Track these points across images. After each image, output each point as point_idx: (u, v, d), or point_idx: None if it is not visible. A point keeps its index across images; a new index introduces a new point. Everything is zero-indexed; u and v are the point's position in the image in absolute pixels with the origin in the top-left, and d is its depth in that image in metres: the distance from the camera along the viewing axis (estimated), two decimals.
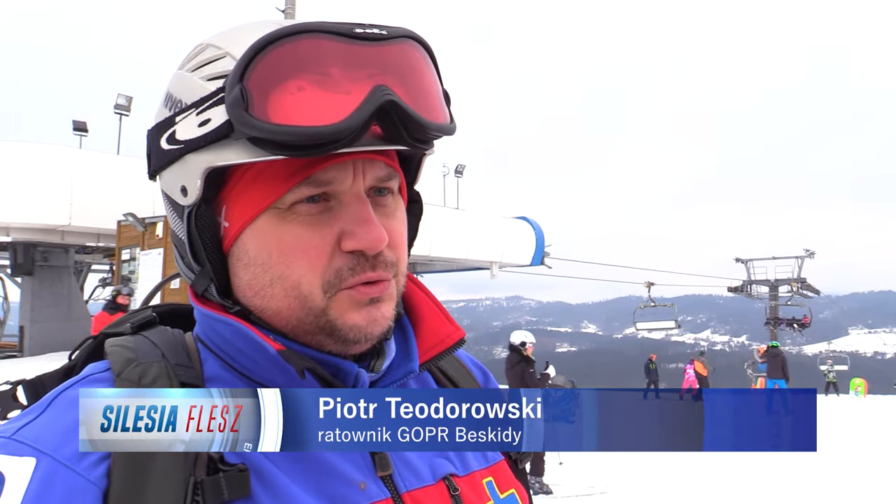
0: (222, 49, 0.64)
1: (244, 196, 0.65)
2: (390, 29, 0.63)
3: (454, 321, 0.77)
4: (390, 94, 0.60)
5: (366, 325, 0.67)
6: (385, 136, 0.62)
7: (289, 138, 0.59)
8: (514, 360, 8.03)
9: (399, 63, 0.63)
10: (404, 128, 0.62)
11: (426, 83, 0.65)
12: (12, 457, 0.58)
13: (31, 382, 0.71)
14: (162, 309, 0.78)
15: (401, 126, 0.62)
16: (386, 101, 0.60)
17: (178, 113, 0.65)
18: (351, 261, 0.66)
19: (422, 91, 0.64)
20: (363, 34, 0.61)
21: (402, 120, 0.62)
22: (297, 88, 0.59)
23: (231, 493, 0.60)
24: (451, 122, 0.68)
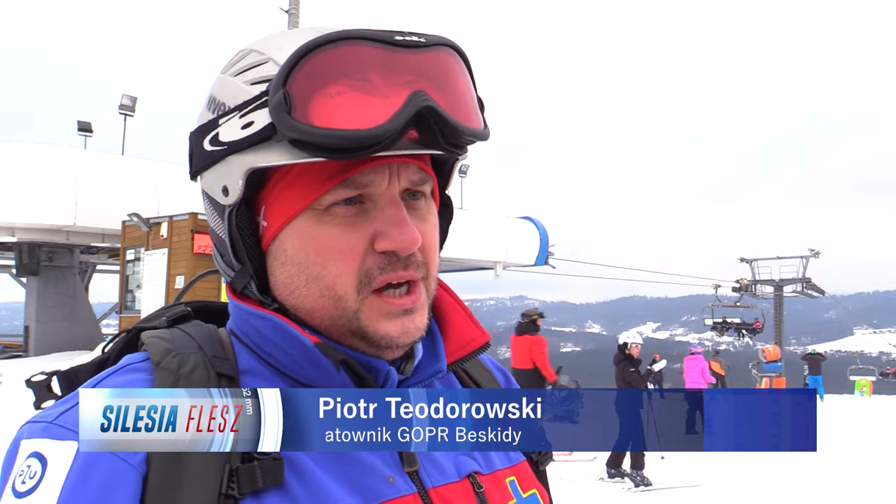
0: (265, 54, 0.67)
1: (283, 197, 0.68)
2: (428, 37, 0.65)
3: (480, 325, 0.79)
4: (428, 100, 0.62)
5: (398, 335, 0.69)
6: (421, 140, 0.64)
7: (329, 141, 0.61)
8: (617, 359, 8.92)
9: (436, 70, 0.65)
10: (440, 133, 0.64)
11: (462, 90, 0.67)
12: (55, 440, 0.60)
13: (65, 373, 0.72)
14: (195, 305, 0.81)
15: (437, 131, 0.64)
16: (424, 107, 0.62)
17: (221, 115, 0.67)
18: (382, 260, 0.68)
19: (457, 97, 0.66)
20: (402, 41, 0.63)
21: (439, 125, 0.64)
22: (337, 93, 0.61)
23: (265, 481, 0.62)
24: (486, 128, 0.69)
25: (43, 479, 0.59)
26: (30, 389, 0.71)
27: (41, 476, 0.59)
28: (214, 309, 0.82)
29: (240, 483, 0.61)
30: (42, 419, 0.63)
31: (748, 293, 36.85)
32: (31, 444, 0.61)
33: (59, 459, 0.59)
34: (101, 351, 0.77)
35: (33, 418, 0.65)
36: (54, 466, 0.59)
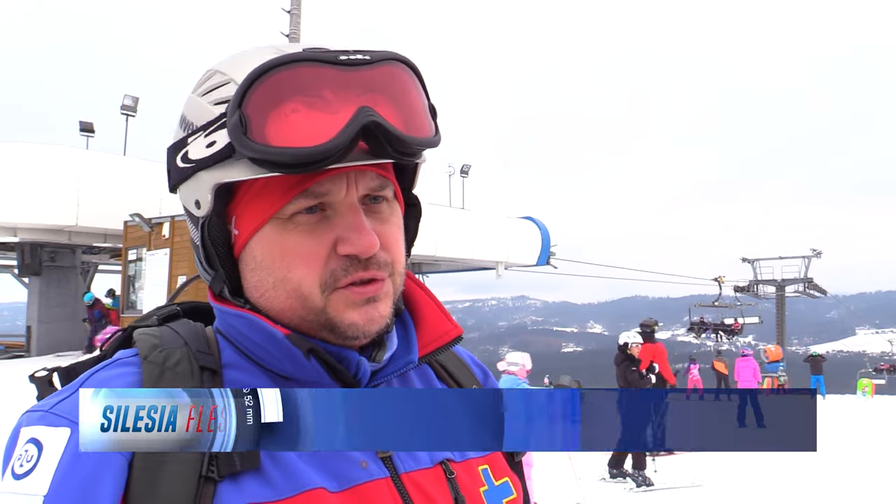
0: (227, 75, 0.72)
1: (250, 208, 0.73)
2: (374, 53, 0.69)
3: (452, 319, 0.83)
4: (373, 115, 0.67)
5: (363, 323, 0.74)
6: (372, 151, 0.69)
7: (282, 158, 0.66)
8: (619, 359, 8.99)
9: (383, 84, 0.69)
10: (388, 143, 0.68)
11: (409, 100, 0.71)
12: (50, 427, 0.66)
13: (65, 369, 0.77)
14: (185, 306, 0.87)
15: (385, 142, 0.68)
16: (369, 122, 0.67)
17: (189, 134, 0.73)
18: (345, 262, 0.72)
19: (405, 108, 0.70)
20: (347, 60, 0.68)
21: (386, 137, 0.68)
22: (291, 111, 0.66)
23: (242, 465, 0.66)
24: (436, 135, 0.74)
25: (38, 462, 0.64)
26: (33, 385, 0.76)
27: (37, 460, 0.64)
28: (204, 309, 0.87)
29: (219, 466, 0.66)
30: (39, 408, 0.69)
31: (749, 293, 36.82)
32: (29, 431, 0.66)
33: (54, 444, 0.64)
34: (99, 349, 0.83)
35: (32, 408, 0.70)
36: (49, 451, 0.64)
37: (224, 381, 0.73)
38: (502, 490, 0.82)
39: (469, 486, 0.78)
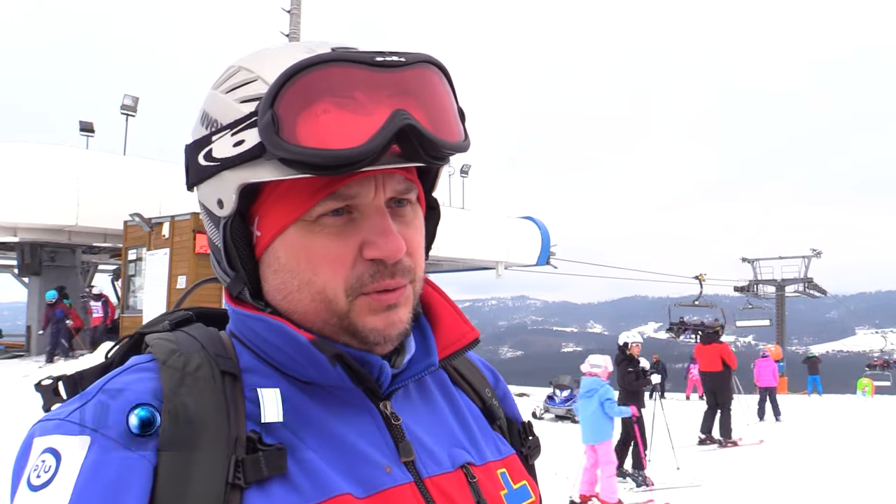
0: (254, 72, 0.70)
1: (275, 209, 0.72)
2: (408, 55, 0.68)
3: (469, 322, 0.83)
4: (408, 118, 0.66)
5: (384, 328, 0.73)
6: (404, 154, 0.68)
7: (316, 160, 0.65)
8: (618, 359, 9.09)
9: (416, 86, 0.68)
10: (421, 147, 0.67)
11: (442, 104, 0.70)
12: (68, 436, 0.63)
13: (70, 378, 0.75)
14: (195, 311, 0.84)
15: (418, 146, 0.67)
16: (404, 125, 0.66)
17: (214, 132, 0.71)
18: (371, 268, 0.71)
19: (438, 111, 0.69)
20: (383, 62, 0.66)
21: (420, 140, 0.67)
22: (324, 112, 0.65)
23: (269, 471, 0.65)
24: (466, 140, 0.73)
25: (58, 472, 0.61)
26: (38, 393, 0.74)
27: (56, 470, 0.61)
28: (214, 314, 0.85)
29: (245, 472, 0.64)
30: (54, 417, 0.66)
31: (749, 293, 36.78)
32: (44, 441, 0.64)
33: (73, 453, 0.62)
34: (105, 356, 0.80)
35: (45, 417, 0.67)
36: (68, 460, 0.61)
37: (244, 386, 0.71)
38: (521, 493, 0.82)
39: (490, 490, 0.78)
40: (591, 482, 7.52)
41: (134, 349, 0.78)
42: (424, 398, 0.83)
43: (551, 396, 15.19)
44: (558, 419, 14.61)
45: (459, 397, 0.87)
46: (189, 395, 0.66)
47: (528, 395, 18.10)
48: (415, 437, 0.76)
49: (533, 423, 0.95)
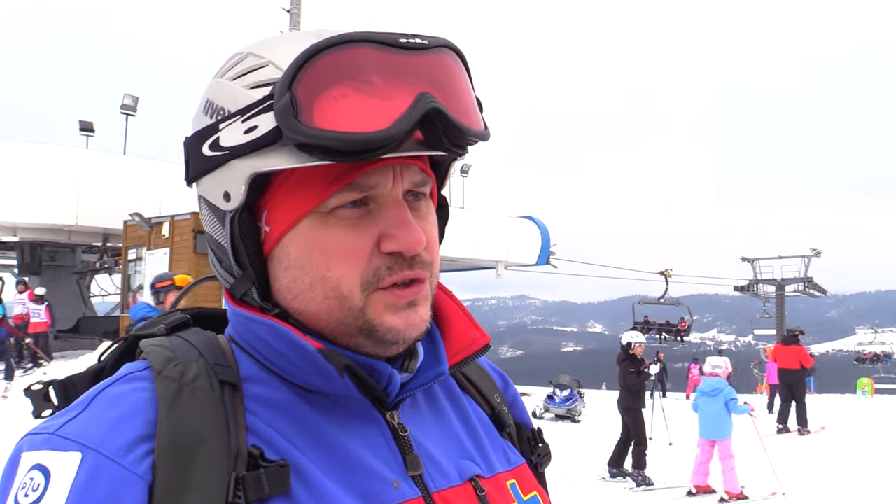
0: (264, 58, 0.66)
1: (286, 201, 0.67)
2: (430, 39, 0.65)
3: (480, 327, 0.78)
4: (434, 102, 0.62)
5: (404, 328, 0.69)
6: (426, 141, 0.64)
7: (337, 144, 0.60)
8: (620, 358, 9.17)
9: (439, 71, 0.65)
10: (445, 134, 0.64)
11: (462, 91, 0.67)
12: (57, 452, 0.59)
13: (61, 383, 0.71)
14: (191, 312, 0.80)
15: (442, 132, 0.64)
16: (430, 108, 0.62)
17: (221, 120, 0.66)
18: (389, 260, 0.67)
19: (459, 98, 0.66)
20: (406, 44, 0.63)
21: (444, 126, 0.63)
22: (341, 95, 0.61)
23: (272, 489, 0.61)
24: (486, 129, 0.69)
25: (47, 491, 0.57)
26: (28, 399, 0.70)
27: (45, 488, 0.58)
28: (212, 315, 0.81)
29: (246, 491, 0.60)
30: (43, 430, 0.62)
31: (749, 293, 36.75)
32: (32, 457, 0.60)
33: (63, 470, 0.58)
34: (98, 359, 0.76)
35: (33, 430, 0.63)
36: (58, 478, 0.58)
37: (245, 396, 0.67)
38: None
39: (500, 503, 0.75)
40: (706, 474, 7.89)
41: (128, 353, 0.75)
42: (432, 406, 0.79)
43: (551, 396, 15.19)
44: (558, 419, 14.62)
45: (468, 404, 0.83)
46: (186, 408, 0.62)
47: (528, 395, 18.10)
48: (422, 448, 0.72)
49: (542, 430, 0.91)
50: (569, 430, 13.23)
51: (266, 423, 0.66)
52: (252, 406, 0.67)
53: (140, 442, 0.60)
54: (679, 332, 28.09)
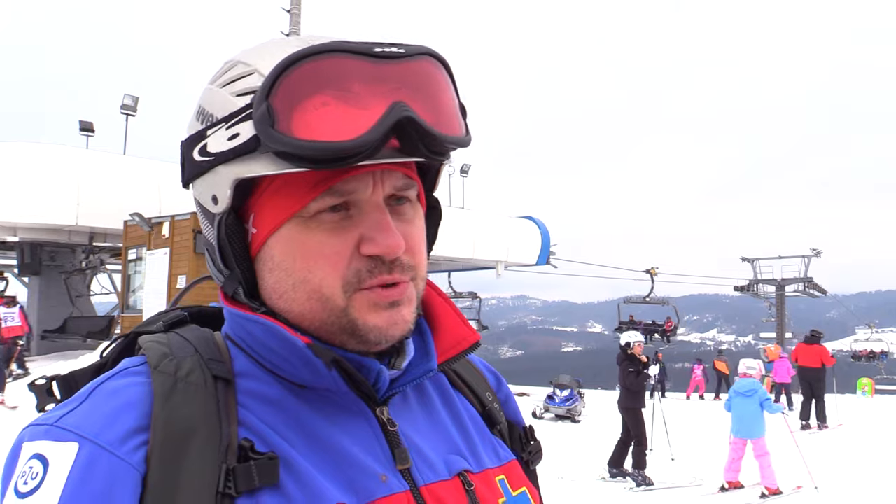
0: (251, 66, 0.69)
1: (270, 205, 0.69)
2: (408, 47, 0.66)
3: (470, 325, 0.81)
4: (407, 110, 0.63)
5: (386, 327, 0.70)
6: (403, 148, 0.66)
7: (311, 153, 0.62)
8: (620, 358, 9.25)
9: (416, 79, 0.66)
10: (421, 141, 0.65)
11: (442, 97, 0.68)
12: (56, 442, 0.62)
13: (64, 378, 0.74)
14: (191, 310, 0.82)
15: (417, 140, 0.65)
16: (403, 117, 0.63)
17: (209, 127, 0.69)
18: (369, 263, 0.69)
19: (438, 105, 0.67)
20: (382, 52, 0.64)
21: (419, 134, 0.65)
22: (320, 104, 0.63)
23: (261, 480, 0.63)
24: (467, 135, 0.71)
25: (45, 479, 0.60)
26: (32, 393, 0.73)
27: (43, 477, 0.60)
28: (211, 313, 0.83)
29: (236, 482, 0.62)
30: (43, 422, 0.64)
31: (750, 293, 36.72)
32: (32, 447, 0.62)
33: (61, 460, 0.60)
34: (100, 355, 0.79)
35: (34, 421, 0.66)
36: (56, 467, 0.60)
37: (237, 391, 0.70)
38: (521, 500, 0.79)
39: (488, 498, 0.76)
40: (738, 470, 8.24)
41: (128, 349, 0.77)
42: (422, 403, 0.81)
43: (551, 396, 15.19)
44: (558, 419, 14.62)
45: (459, 401, 0.85)
46: (180, 402, 0.65)
47: (528, 395, 18.09)
48: (411, 443, 0.74)
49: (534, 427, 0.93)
50: (569, 430, 13.23)
51: (257, 417, 0.68)
52: (244, 400, 0.69)
53: (135, 433, 0.63)
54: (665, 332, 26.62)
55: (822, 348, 14.52)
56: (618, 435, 9.02)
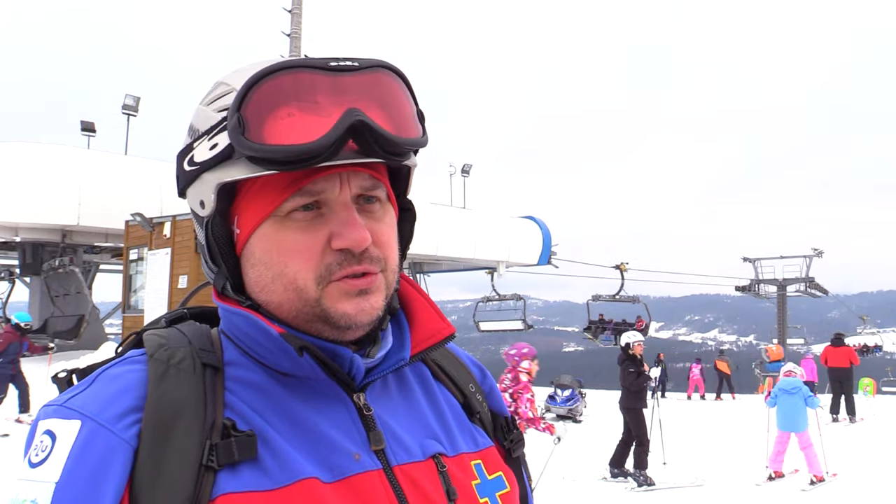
0: (230, 85, 0.77)
1: (250, 206, 0.78)
2: (362, 60, 0.75)
3: (445, 318, 0.87)
4: (359, 115, 0.71)
5: (355, 313, 0.77)
6: (361, 150, 0.73)
7: (277, 155, 0.71)
8: (620, 359, 9.31)
9: (370, 88, 0.74)
10: (376, 143, 0.73)
11: (396, 103, 0.76)
12: (63, 420, 0.71)
13: (83, 370, 0.81)
14: (193, 310, 0.91)
15: (372, 142, 0.73)
16: (356, 121, 0.71)
17: (195, 139, 0.78)
18: (339, 256, 0.76)
19: (392, 110, 0.75)
20: (337, 66, 0.73)
21: (373, 136, 0.72)
22: (287, 115, 0.71)
23: (241, 455, 0.71)
24: (423, 136, 0.79)
25: (52, 452, 0.69)
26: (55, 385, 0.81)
27: (51, 450, 0.69)
28: (211, 312, 0.90)
29: (218, 456, 0.70)
30: (55, 403, 0.74)
31: (751, 293, 36.72)
32: (45, 424, 0.72)
33: (66, 435, 0.69)
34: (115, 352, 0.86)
35: (48, 402, 0.75)
36: (61, 441, 0.69)
37: (226, 378, 0.78)
38: (495, 484, 0.84)
39: (461, 480, 0.81)
40: (782, 461, 8.88)
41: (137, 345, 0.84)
42: (402, 391, 0.86)
43: (552, 396, 15.18)
44: (559, 419, 14.61)
45: (439, 391, 0.90)
46: (171, 385, 0.73)
47: None
48: (387, 427, 0.80)
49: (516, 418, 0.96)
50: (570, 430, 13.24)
51: (242, 401, 0.76)
52: (231, 386, 0.77)
53: (130, 413, 0.71)
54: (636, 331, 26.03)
55: (849, 349, 15.81)
56: (619, 435, 9.02)
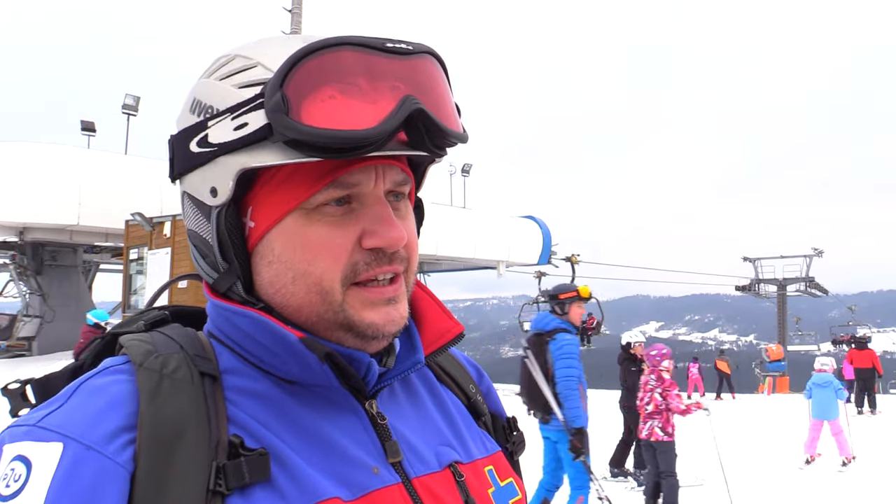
0: (252, 59, 0.69)
1: (273, 197, 0.69)
2: (415, 45, 0.68)
3: (453, 316, 0.81)
4: (419, 104, 0.65)
5: (383, 324, 0.71)
6: (409, 142, 0.67)
7: (326, 141, 0.63)
8: (621, 359, 9.25)
9: (422, 76, 0.68)
10: (427, 135, 0.67)
11: (443, 95, 0.70)
12: (38, 442, 0.60)
13: (38, 381, 0.71)
14: (171, 310, 0.81)
15: (424, 133, 0.67)
16: (415, 110, 0.65)
17: (210, 118, 0.68)
18: (368, 256, 0.70)
19: (440, 101, 0.69)
20: (392, 48, 0.66)
21: (427, 127, 0.67)
22: (329, 96, 0.63)
23: (252, 477, 0.62)
24: (465, 132, 0.72)
25: (28, 481, 0.58)
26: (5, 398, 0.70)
27: (26, 478, 0.58)
28: (191, 313, 0.82)
29: (227, 479, 0.61)
30: (24, 423, 0.62)
31: (751, 293, 36.70)
32: (14, 448, 0.60)
33: (44, 461, 0.58)
34: (75, 357, 0.76)
35: (15, 423, 0.63)
36: (39, 468, 0.58)
37: (225, 387, 0.69)
38: (508, 490, 0.81)
39: (478, 489, 0.77)
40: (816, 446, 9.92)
41: (107, 351, 0.75)
42: (410, 396, 0.81)
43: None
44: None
45: (445, 394, 0.85)
46: (167, 399, 0.63)
47: None
48: (401, 436, 0.74)
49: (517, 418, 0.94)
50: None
51: (247, 413, 0.67)
52: (233, 396, 0.68)
53: (121, 432, 0.61)
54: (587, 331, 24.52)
55: (871, 352, 17.93)
56: (619, 434, 9.01)
